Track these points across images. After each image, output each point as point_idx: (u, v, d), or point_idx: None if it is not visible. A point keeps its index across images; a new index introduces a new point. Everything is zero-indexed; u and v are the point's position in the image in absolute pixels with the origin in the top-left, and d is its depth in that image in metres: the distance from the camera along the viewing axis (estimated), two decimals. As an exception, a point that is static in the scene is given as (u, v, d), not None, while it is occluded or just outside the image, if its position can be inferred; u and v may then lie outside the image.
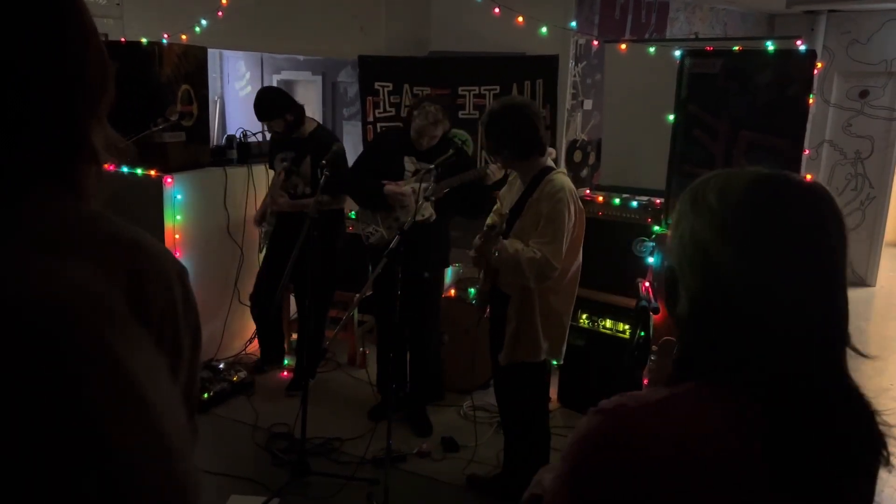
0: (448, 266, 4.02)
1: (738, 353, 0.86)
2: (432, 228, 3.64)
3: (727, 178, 0.92)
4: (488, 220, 3.21)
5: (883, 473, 0.89)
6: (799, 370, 0.84)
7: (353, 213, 4.66)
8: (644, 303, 2.45)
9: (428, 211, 3.62)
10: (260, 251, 4.46)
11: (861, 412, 0.88)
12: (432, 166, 3.40)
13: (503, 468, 3.30)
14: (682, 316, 0.92)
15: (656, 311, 2.45)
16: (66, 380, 0.62)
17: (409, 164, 3.68)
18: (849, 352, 0.90)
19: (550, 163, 2.97)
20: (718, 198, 0.90)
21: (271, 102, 4.06)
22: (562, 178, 2.86)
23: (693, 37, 6.32)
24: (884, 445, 0.88)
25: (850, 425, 0.85)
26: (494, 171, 3.46)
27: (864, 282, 7.11)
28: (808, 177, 0.97)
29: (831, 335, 0.87)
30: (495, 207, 3.23)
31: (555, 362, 4.27)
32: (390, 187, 3.60)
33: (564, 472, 0.87)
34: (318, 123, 4.26)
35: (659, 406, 0.86)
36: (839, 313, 0.88)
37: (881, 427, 0.88)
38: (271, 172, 4.57)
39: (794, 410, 0.83)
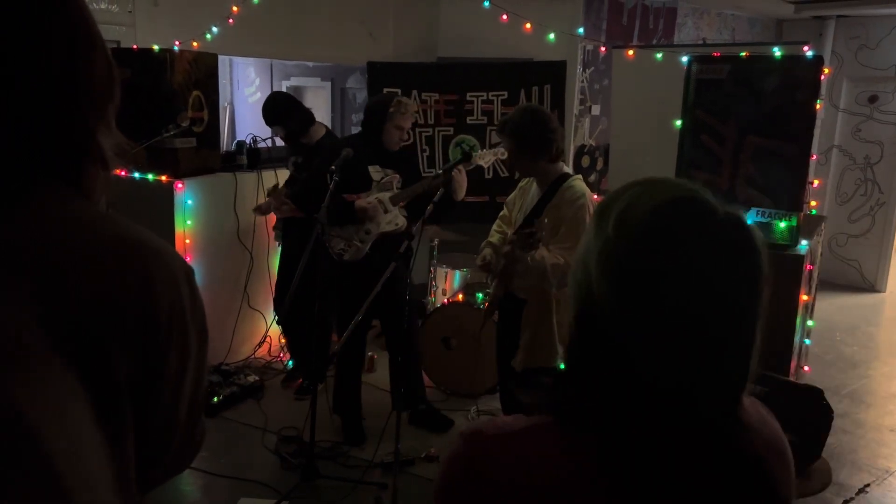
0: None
1: (593, 395, 0.81)
2: (403, 235, 3.63)
3: (635, 199, 0.82)
4: (494, 227, 3.21)
5: (892, 479, 0.88)
6: (651, 428, 0.78)
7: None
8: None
9: (400, 219, 3.61)
10: (276, 240, 4.48)
11: (731, 483, 0.79)
12: (440, 171, 3.41)
13: None
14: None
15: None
16: None
17: (375, 172, 3.60)
18: (854, 354, 0.86)
19: (568, 169, 2.99)
20: (616, 224, 0.81)
21: (271, 109, 4.12)
22: (581, 183, 2.89)
23: (700, 42, 6.33)
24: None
25: (700, 496, 0.78)
26: (482, 157, 3.44)
27: (874, 287, 7.08)
28: (817, 182, 0.94)
29: (708, 394, 0.78)
30: (501, 213, 3.23)
31: (563, 366, 4.27)
32: (360, 202, 3.52)
33: (435, 489, 0.89)
34: (327, 130, 4.27)
35: (509, 437, 0.84)
36: (727, 371, 0.79)
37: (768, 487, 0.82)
38: (282, 177, 4.60)
39: (629, 474, 0.77)
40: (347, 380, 3.86)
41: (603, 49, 5.48)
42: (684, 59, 3.52)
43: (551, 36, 4.68)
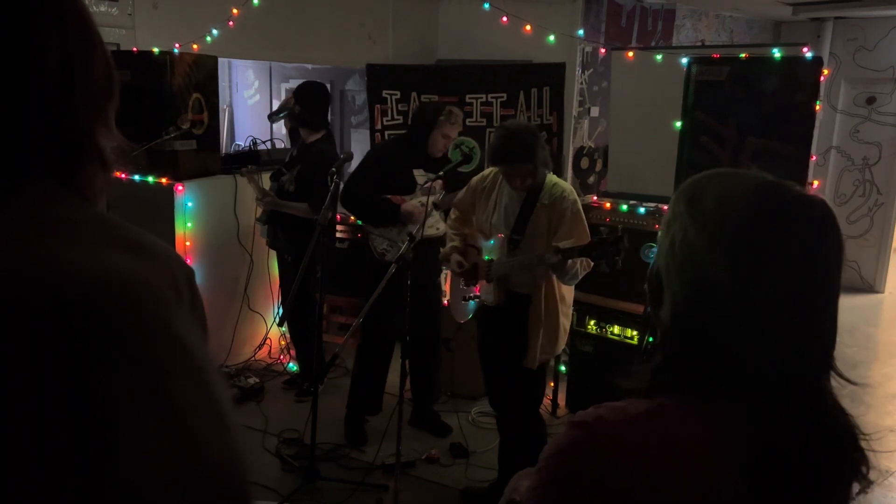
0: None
1: (719, 369, 0.84)
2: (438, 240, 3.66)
3: (727, 182, 0.89)
4: (451, 231, 3.21)
5: (893, 479, 0.90)
6: (780, 391, 0.82)
7: (359, 221, 4.68)
8: None
9: (441, 224, 3.64)
10: (262, 235, 4.46)
11: (839, 433, 0.86)
12: (441, 173, 3.42)
13: (500, 473, 3.28)
14: (664, 322, 0.90)
15: None
16: (147, 366, 0.66)
17: (419, 176, 3.63)
18: (853, 355, 0.89)
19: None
20: (717, 204, 0.86)
21: (302, 87, 4.09)
22: (560, 179, 2.99)
23: (700, 44, 6.34)
24: (861, 464, 0.87)
25: (824, 448, 0.83)
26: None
27: (873, 288, 7.09)
28: (816, 183, 0.96)
29: (816, 356, 0.85)
30: (455, 216, 3.23)
31: (563, 368, 4.28)
32: (406, 206, 3.57)
33: (542, 483, 0.85)
34: (322, 137, 4.13)
35: (637, 420, 0.84)
36: (826, 335, 0.86)
37: (862, 445, 0.87)
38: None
39: (771, 434, 0.81)
40: (376, 380, 3.86)
41: (602, 51, 5.49)
42: (684, 60, 3.53)
43: (551, 38, 4.69)
